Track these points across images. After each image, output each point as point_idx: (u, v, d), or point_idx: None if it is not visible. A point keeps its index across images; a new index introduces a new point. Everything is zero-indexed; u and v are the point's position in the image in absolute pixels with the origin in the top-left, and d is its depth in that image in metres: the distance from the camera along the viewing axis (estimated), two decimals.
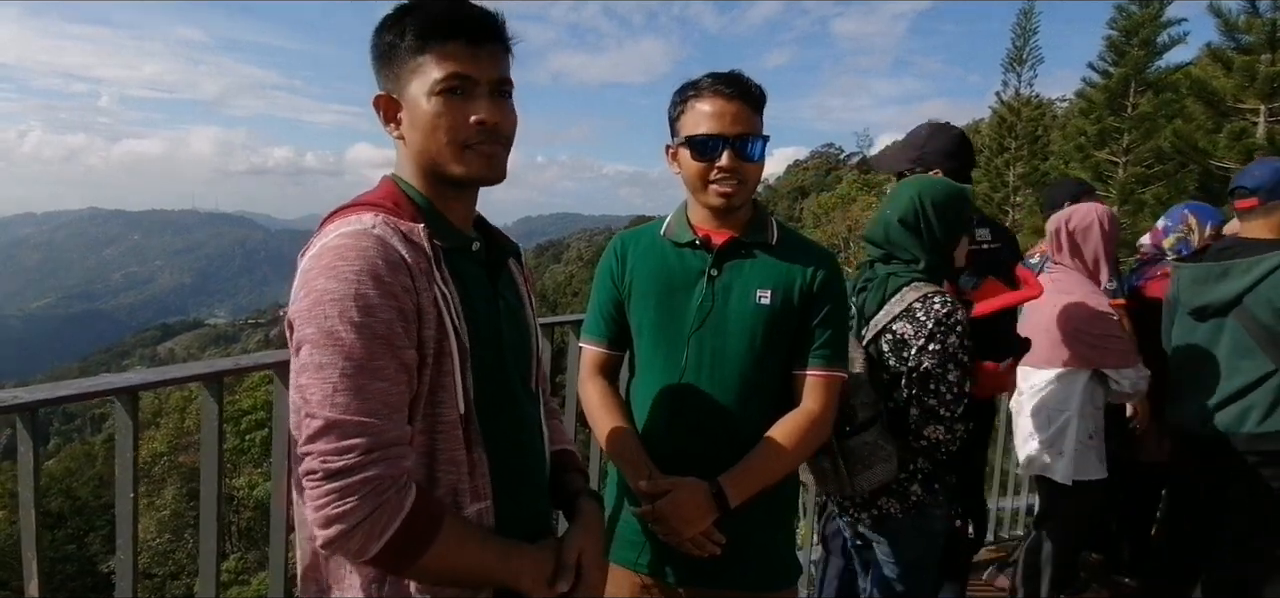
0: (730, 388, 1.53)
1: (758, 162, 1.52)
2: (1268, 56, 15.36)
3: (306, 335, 0.94)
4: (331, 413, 0.91)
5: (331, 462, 0.91)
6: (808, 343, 1.55)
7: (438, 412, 1.02)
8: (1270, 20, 15.27)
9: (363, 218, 0.99)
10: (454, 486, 1.03)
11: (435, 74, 1.03)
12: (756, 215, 1.60)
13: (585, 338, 1.74)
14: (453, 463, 1.03)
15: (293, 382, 0.97)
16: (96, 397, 1.66)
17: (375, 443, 0.92)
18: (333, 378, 0.92)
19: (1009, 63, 27.89)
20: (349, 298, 0.92)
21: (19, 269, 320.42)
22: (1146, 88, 19.67)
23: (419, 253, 1.00)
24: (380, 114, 1.09)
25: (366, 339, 0.93)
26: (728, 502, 1.46)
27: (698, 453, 1.53)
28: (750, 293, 1.53)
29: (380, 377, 0.94)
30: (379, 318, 0.94)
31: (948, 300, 1.81)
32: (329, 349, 0.92)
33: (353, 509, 0.91)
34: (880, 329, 1.87)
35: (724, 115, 1.48)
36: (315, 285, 0.94)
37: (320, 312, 0.93)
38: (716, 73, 1.52)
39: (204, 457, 1.74)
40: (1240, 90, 15.75)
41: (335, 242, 0.96)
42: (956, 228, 1.93)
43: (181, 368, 1.80)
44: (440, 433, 1.02)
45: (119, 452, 1.50)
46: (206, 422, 1.72)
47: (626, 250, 1.68)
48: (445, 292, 1.01)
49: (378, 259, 0.95)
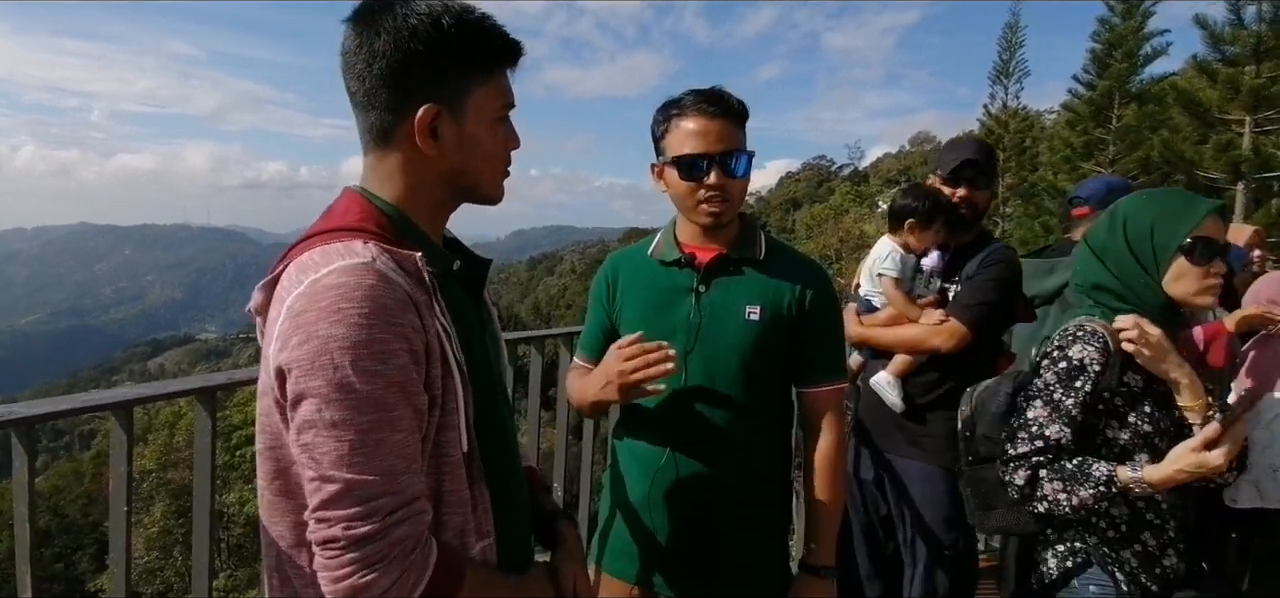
0: (723, 404, 1.54)
1: (743, 178, 1.53)
2: (1252, 68, 15.53)
3: (312, 389, 0.85)
4: (350, 474, 0.84)
5: (355, 529, 0.84)
6: (807, 359, 1.57)
7: (443, 452, 0.96)
8: (1255, 32, 15.46)
9: (356, 248, 0.91)
10: (460, 527, 0.98)
11: (501, 100, 1.03)
12: (744, 230, 1.61)
13: (579, 354, 1.77)
14: (459, 503, 0.98)
15: (295, 437, 0.88)
16: (92, 412, 1.67)
17: (398, 502, 0.86)
18: (348, 436, 0.84)
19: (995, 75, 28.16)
20: (361, 345, 0.84)
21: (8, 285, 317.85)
22: (1131, 99, 19.88)
23: (420, 286, 0.93)
24: (419, 128, 0.97)
25: (382, 390, 0.85)
26: (832, 568, 1.55)
27: (693, 470, 1.54)
28: (739, 309, 1.54)
29: (398, 428, 0.87)
30: (393, 365, 0.86)
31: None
32: (342, 404, 0.84)
33: (378, 577, 0.84)
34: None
35: (708, 133, 1.49)
36: (318, 331, 0.85)
37: (328, 361, 0.84)
38: (698, 89, 1.53)
39: (197, 472, 1.75)
40: (1225, 102, 15.91)
41: (333, 279, 0.87)
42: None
43: (176, 383, 1.81)
44: (446, 473, 0.96)
45: (113, 466, 1.52)
46: (199, 437, 1.73)
47: (617, 272, 1.70)
48: (446, 325, 0.95)
49: (386, 299, 0.87)
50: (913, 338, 2.24)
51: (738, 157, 1.51)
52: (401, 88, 0.96)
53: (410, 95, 0.97)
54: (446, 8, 0.97)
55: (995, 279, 2.24)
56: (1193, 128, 16.89)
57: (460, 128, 1.00)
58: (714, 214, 1.52)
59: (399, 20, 0.94)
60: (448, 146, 0.99)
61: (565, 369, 2.91)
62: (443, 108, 0.98)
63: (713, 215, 1.52)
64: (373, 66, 0.96)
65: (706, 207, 1.52)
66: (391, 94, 0.97)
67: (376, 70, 0.96)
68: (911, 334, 2.25)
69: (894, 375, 2.31)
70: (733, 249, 1.58)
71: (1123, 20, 20.26)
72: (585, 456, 2.85)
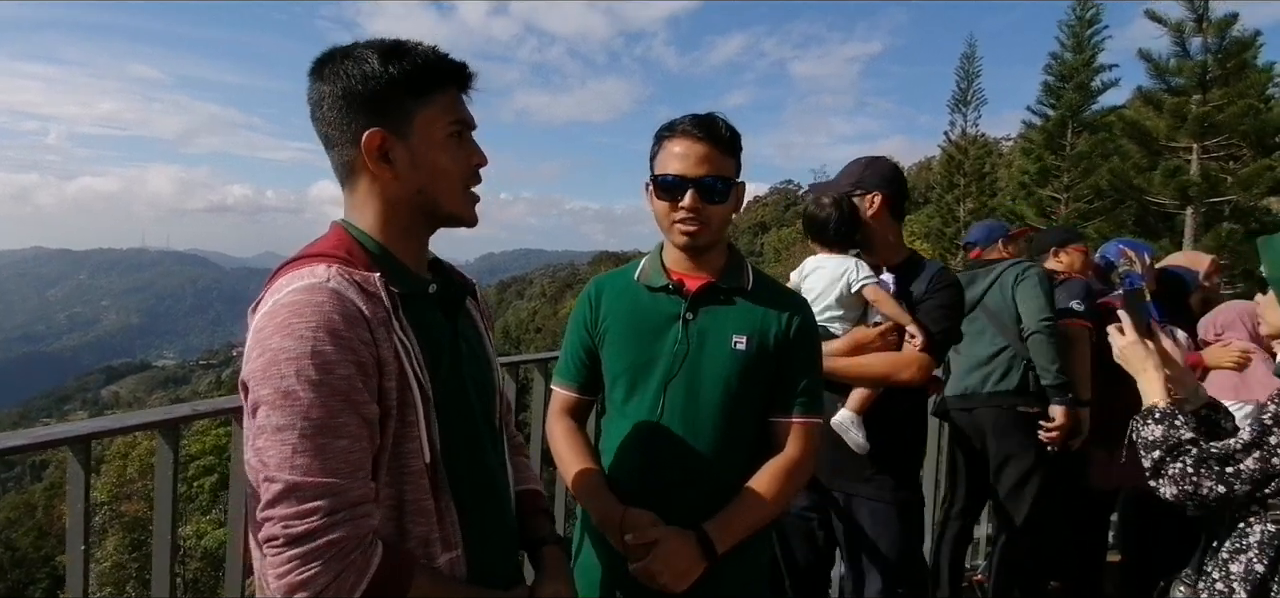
0: (706, 433, 1.53)
1: (722, 204, 1.53)
2: (1199, 96, 16.13)
3: (263, 397, 0.91)
4: (291, 476, 0.89)
5: (293, 527, 0.88)
6: (786, 390, 1.56)
7: (404, 463, 1.00)
8: (1201, 62, 16.07)
9: (316, 271, 0.97)
10: (424, 536, 1.02)
11: (447, 116, 1.07)
12: (732, 260, 1.62)
13: (557, 381, 1.74)
14: (421, 513, 1.02)
15: (249, 443, 0.94)
16: (49, 447, 1.62)
17: (338, 504, 0.90)
18: (291, 439, 0.89)
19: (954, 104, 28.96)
20: (305, 356, 0.90)
21: None
22: (1083, 128, 20.56)
23: (376, 303, 0.98)
24: (367, 152, 1.04)
25: (325, 397, 0.90)
26: (715, 551, 1.45)
27: (673, 499, 1.52)
28: (726, 339, 1.53)
29: (341, 435, 0.92)
30: (338, 374, 0.91)
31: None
32: (287, 410, 0.90)
33: (316, 575, 0.88)
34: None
35: (689, 157, 1.51)
36: (270, 344, 0.92)
37: (276, 371, 0.90)
38: (695, 114, 1.55)
39: (158, 507, 1.70)
40: (1172, 130, 16.49)
41: (289, 298, 0.94)
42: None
43: (138, 415, 1.76)
44: (408, 484, 1.01)
45: (71, 502, 1.47)
46: (160, 470, 1.69)
47: (601, 296, 1.68)
48: (405, 340, 1.00)
49: (334, 314, 0.93)
50: (881, 370, 2.11)
51: (717, 182, 1.51)
52: (351, 121, 1.04)
53: (359, 126, 1.04)
54: (384, 43, 1.06)
55: (950, 304, 2.17)
56: (1142, 155, 17.46)
57: (409, 149, 1.05)
58: (688, 234, 1.53)
59: (342, 62, 1.04)
60: (401, 168, 1.05)
61: (537, 395, 2.90)
62: (386, 131, 1.04)
63: (687, 235, 1.53)
64: (326, 108, 1.05)
65: (681, 227, 1.53)
66: (344, 130, 1.05)
67: (330, 111, 1.05)
68: (880, 366, 2.11)
69: (856, 412, 2.15)
70: (722, 278, 1.58)
71: (1073, 54, 21.02)
72: (559, 481, 2.84)
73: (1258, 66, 16.26)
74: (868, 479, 2.19)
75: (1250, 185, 15.67)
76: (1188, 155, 16.47)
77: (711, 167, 1.51)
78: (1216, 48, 16.05)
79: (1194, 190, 15.98)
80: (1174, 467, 1.52)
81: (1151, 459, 1.56)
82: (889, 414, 2.16)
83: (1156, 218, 17.28)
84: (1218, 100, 15.93)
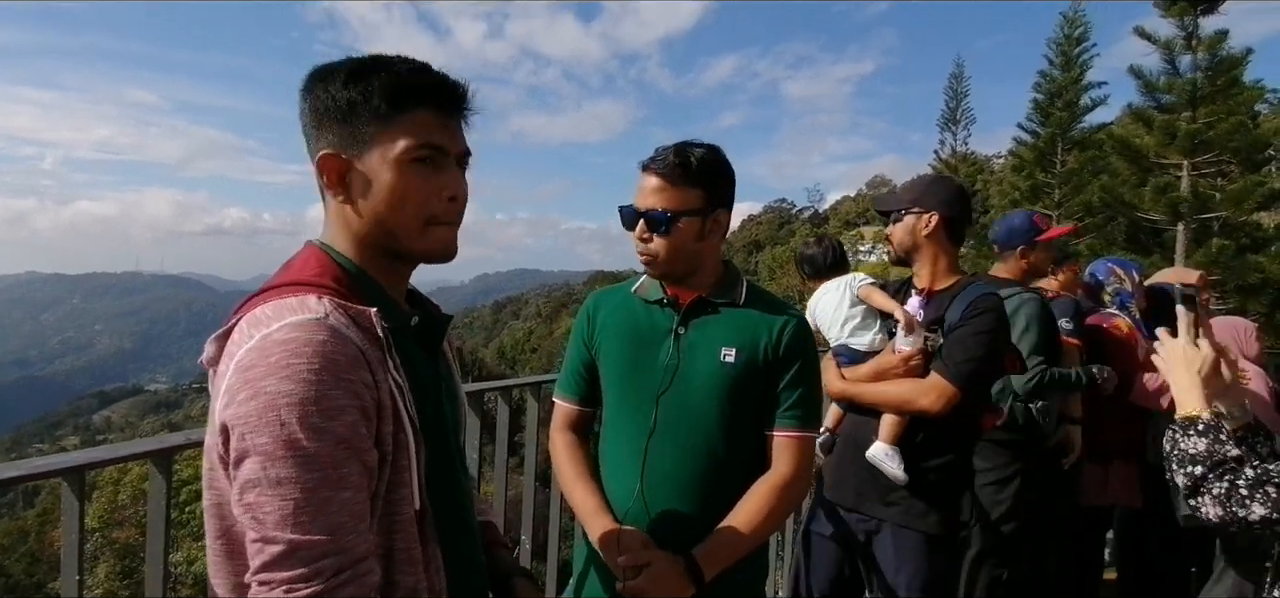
0: (697, 446, 1.54)
1: (665, 236, 1.53)
2: (1189, 114, 16.25)
3: (257, 446, 0.82)
4: (294, 534, 0.81)
5: (298, 591, 0.81)
6: (778, 403, 1.56)
7: (395, 510, 0.93)
8: (1191, 80, 16.21)
9: (309, 303, 0.89)
10: (413, 587, 0.94)
11: (407, 141, 0.96)
12: (726, 276, 1.64)
13: (558, 394, 1.76)
14: (410, 563, 0.94)
15: (238, 496, 0.84)
16: (43, 477, 1.62)
17: (343, 563, 0.83)
18: (293, 494, 0.81)
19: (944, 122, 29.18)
20: (310, 401, 0.82)
21: None
22: (1073, 146, 20.71)
23: (373, 341, 0.91)
24: (324, 176, 0.99)
25: (330, 447, 0.83)
26: (702, 577, 1.45)
27: (665, 514, 1.53)
28: (715, 351, 1.55)
29: (345, 486, 0.84)
30: (343, 421, 0.84)
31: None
32: (288, 461, 0.81)
33: None
34: None
35: (643, 189, 1.56)
36: (265, 387, 0.82)
37: (274, 418, 0.81)
38: (662, 147, 1.57)
39: (150, 536, 1.69)
40: (1162, 146, 16.60)
41: (282, 334, 0.85)
42: None
43: (132, 444, 1.76)
44: (398, 532, 0.93)
45: (65, 533, 1.47)
46: (154, 500, 1.69)
47: (598, 309, 1.72)
48: (399, 381, 0.93)
49: (337, 355, 0.85)
50: (899, 397, 2.07)
51: (662, 214, 1.53)
52: (314, 142, 0.99)
53: (319, 147, 0.99)
54: (361, 59, 0.99)
55: (983, 332, 2.04)
56: (1132, 172, 17.57)
57: (365, 172, 0.97)
58: (644, 260, 1.58)
59: (318, 79, 0.99)
60: (355, 193, 0.98)
61: (532, 417, 2.90)
62: (340, 152, 0.97)
63: (643, 260, 1.58)
64: (302, 127, 1.00)
65: (640, 255, 1.58)
66: (311, 150, 1.00)
67: (304, 129, 1.00)
68: (897, 393, 2.08)
69: (891, 444, 2.09)
70: (713, 293, 1.60)
71: (1062, 72, 21.21)
72: (553, 503, 2.83)
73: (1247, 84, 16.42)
74: (895, 504, 2.10)
75: (1241, 201, 15.74)
76: (1178, 172, 16.55)
77: (660, 200, 1.54)
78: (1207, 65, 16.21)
79: (1185, 207, 16.06)
80: (1218, 486, 1.38)
81: (1190, 475, 1.42)
82: (927, 437, 2.08)
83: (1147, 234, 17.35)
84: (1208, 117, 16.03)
